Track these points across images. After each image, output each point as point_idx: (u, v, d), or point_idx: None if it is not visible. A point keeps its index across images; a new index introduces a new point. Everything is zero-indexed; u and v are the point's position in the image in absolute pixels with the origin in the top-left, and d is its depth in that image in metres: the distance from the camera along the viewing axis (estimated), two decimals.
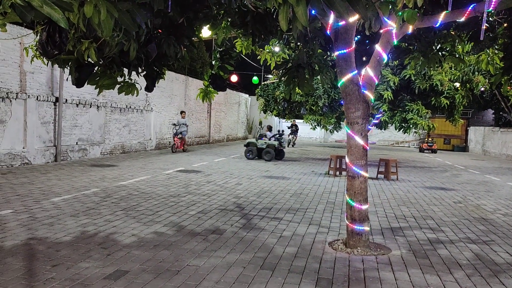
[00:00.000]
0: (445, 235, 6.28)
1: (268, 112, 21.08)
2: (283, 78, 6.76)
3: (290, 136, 27.36)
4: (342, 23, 5.09)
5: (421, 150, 29.01)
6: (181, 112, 19.56)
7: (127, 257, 4.66)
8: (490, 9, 4.52)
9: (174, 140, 18.83)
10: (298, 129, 27.96)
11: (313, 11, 3.56)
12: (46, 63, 5.32)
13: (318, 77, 6.95)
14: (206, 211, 7.13)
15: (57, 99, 13.15)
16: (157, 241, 5.32)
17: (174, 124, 18.95)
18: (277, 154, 17.34)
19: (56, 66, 11.91)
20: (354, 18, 4.91)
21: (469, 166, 18.38)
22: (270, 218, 6.85)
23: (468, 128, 31.55)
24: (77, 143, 14.22)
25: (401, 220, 7.16)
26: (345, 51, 5.21)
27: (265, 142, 17.12)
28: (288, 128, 27.92)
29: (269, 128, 18.57)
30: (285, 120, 23.97)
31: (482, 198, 9.81)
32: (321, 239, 5.75)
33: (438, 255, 5.26)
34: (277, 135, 17.83)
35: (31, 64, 10.89)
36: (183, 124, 18.87)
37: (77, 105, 14.14)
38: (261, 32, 6.40)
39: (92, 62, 4.97)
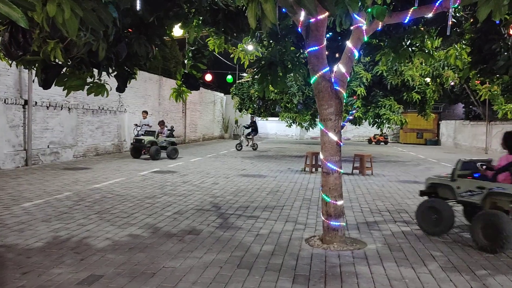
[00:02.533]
0: (418, 228, 6.39)
1: (244, 110, 21.07)
2: (256, 76, 6.75)
3: (245, 138, 22.06)
4: (312, 20, 5.11)
5: (370, 141, 31.57)
6: (143, 112, 17.85)
7: (101, 261, 4.56)
8: (455, 5, 4.62)
9: None
10: (257, 128, 22.88)
11: (283, 9, 3.56)
12: (10, 64, 5.15)
13: (292, 74, 6.98)
14: (182, 212, 7.05)
15: (26, 102, 12.77)
16: (132, 243, 5.23)
17: (136, 125, 17.19)
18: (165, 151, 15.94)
19: (23, 68, 11.59)
20: (324, 15, 4.94)
21: (442, 159, 18.82)
22: (247, 217, 6.84)
23: (439, 122, 32.33)
24: (48, 146, 13.85)
25: (376, 214, 7.26)
26: (316, 48, 5.24)
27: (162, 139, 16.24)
28: (246, 127, 22.53)
29: (162, 124, 17.33)
30: (260, 118, 23.87)
31: None
32: (297, 236, 5.77)
33: (413, 247, 5.36)
34: (169, 132, 16.78)
35: None
36: (145, 125, 17.21)
37: (47, 107, 13.77)
38: (233, 30, 6.38)
39: (60, 62, 4.84)
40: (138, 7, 4.44)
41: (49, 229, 5.80)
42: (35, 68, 5.02)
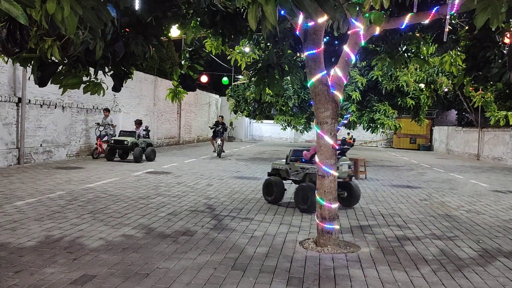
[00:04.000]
0: (411, 231, 6.44)
1: (239, 112, 21.08)
2: (253, 78, 6.76)
3: (216, 141, 18.28)
4: (311, 23, 5.14)
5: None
6: (104, 110, 15.87)
7: (94, 261, 4.54)
8: (452, 12, 4.66)
9: (97, 144, 15.33)
10: (226, 130, 19.22)
11: (282, 12, 3.57)
12: (6, 61, 5.12)
13: (288, 77, 7.00)
14: (176, 213, 7.03)
15: (19, 100, 12.69)
16: (126, 244, 5.20)
17: (98, 124, 15.60)
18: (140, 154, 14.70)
19: (18, 65, 11.51)
20: (322, 19, 4.97)
21: (434, 165, 18.94)
22: (241, 219, 6.83)
23: (432, 128, 32.54)
24: (41, 145, 13.76)
25: (369, 218, 7.29)
26: (314, 51, 5.26)
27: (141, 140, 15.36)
28: (211, 128, 18.47)
29: (139, 123, 16.16)
30: (255, 120, 23.78)
31: (446, 196, 10.12)
32: (292, 239, 5.78)
33: (405, 251, 5.38)
34: (145, 132, 15.79)
35: None
36: (108, 124, 15.67)
37: (41, 105, 13.69)
38: (230, 32, 6.39)
39: (56, 60, 4.81)
40: (137, 7, 4.43)
41: (41, 228, 5.75)
42: (31, 66, 4.99)
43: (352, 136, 27.97)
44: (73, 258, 4.59)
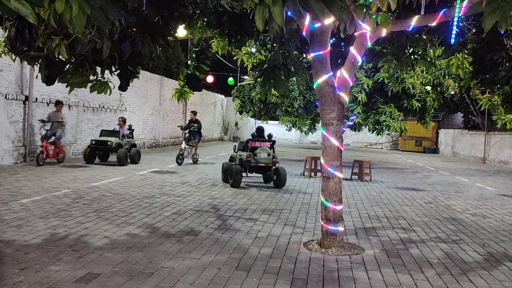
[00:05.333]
0: (416, 234, 6.41)
1: (244, 113, 21.09)
2: (259, 79, 6.76)
3: (186, 145, 14.62)
4: (317, 25, 5.13)
5: None
6: (57, 104, 12.85)
7: (99, 259, 4.56)
8: (460, 14, 4.64)
9: (42, 146, 12.23)
10: (200, 128, 15.21)
11: (289, 13, 3.57)
12: (14, 60, 5.16)
13: (294, 78, 6.99)
14: (180, 212, 7.05)
15: (26, 98, 12.76)
16: (130, 243, 5.22)
17: (43, 121, 12.38)
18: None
19: (25, 63, 11.59)
20: (329, 20, 4.96)
21: (440, 168, 18.85)
22: (245, 219, 6.84)
23: (438, 131, 32.40)
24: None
25: (374, 220, 7.27)
26: (320, 53, 5.26)
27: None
28: (182, 128, 15.50)
29: (123, 121, 14.62)
30: (260, 121, 23.73)
31: (451, 199, 10.07)
32: (296, 240, 5.77)
33: (410, 254, 5.36)
34: (129, 131, 14.27)
35: None
36: (57, 121, 12.45)
37: (47, 104, 13.76)
38: (237, 33, 6.39)
39: (63, 59, 4.85)
40: (144, 7, 4.45)
41: (47, 226, 5.78)
42: (38, 64, 5.03)
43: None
44: (78, 256, 4.61)
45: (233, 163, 10.52)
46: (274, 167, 10.42)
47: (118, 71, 5.67)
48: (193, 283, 4.03)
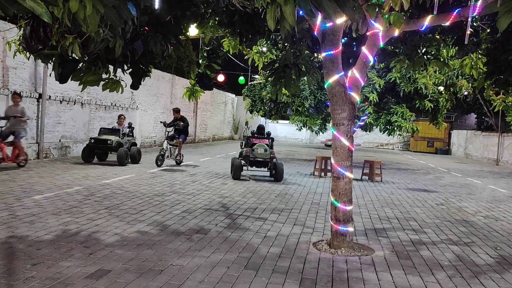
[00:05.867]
0: (427, 236, 6.35)
1: (255, 112, 21.09)
2: (270, 78, 6.76)
3: (167, 145, 13.06)
4: (329, 24, 5.11)
5: (327, 145, 31.65)
6: (14, 95, 10.85)
7: (110, 256, 4.60)
8: (474, 14, 4.58)
9: None
10: (188, 125, 14.00)
11: (300, 12, 3.56)
12: (28, 58, 5.23)
13: (305, 78, 6.97)
14: (190, 211, 7.08)
15: (40, 96, 12.94)
16: (141, 240, 5.26)
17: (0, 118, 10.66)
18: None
19: (39, 61, 11.73)
20: (341, 20, 4.94)
21: (452, 169, 18.66)
22: (255, 218, 6.84)
23: (451, 132, 32.06)
24: (60, 140, 14.00)
25: (384, 221, 7.22)
26: (332, 52, 5.24)
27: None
28: (166, 125, 13.71)
29: (123, 119, 14.10)
30: (271, 120, 23.70)
31: (463, 200, 9.96)
32: (305, 240, 5.76)
33: (421, 256, 5.32)
34: (129, 129, 13.74)
35: (14, 59, 10.71)
36: (14, 117, 10.54)
37: (60, 101, 13.92)
38: (248, 32, 6.40)
39: (76, 58, 4.90)
40: (156, 6, 4.48)
41: (58, 222, 5.86)
42: (52, 62, 5.09)
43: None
44: (89, 253, 4.66)
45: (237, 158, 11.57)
46: (272, 162, 11.32)
47: (130, 69, 5.72)
48: (202, 281, 4.05)
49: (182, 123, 13.52)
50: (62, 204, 6.93)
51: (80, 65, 5.16)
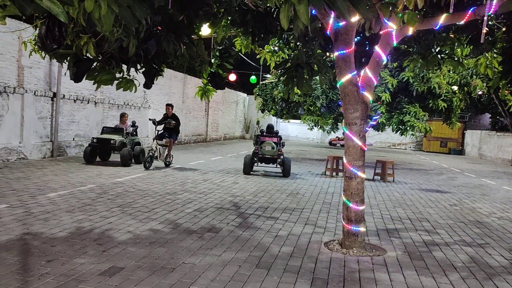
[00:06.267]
0: (440, 237, 6.29)
1: (266, 111, 21.09)
2: (282, 77, 6.75)
3: (156, 145, 12.09)
4: (342, 23, 5.09)
5: (330, 143, 32.49)
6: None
7: (123, 253, 4.65)
8: (490, 13, 4.53)
9: None
10: (179, 125, 13.00)
11: (313, 11, 3.55)
12: (43, 57, 5.30)
13: (317, 77, 6.96)
14: (202, 209, 7.11)
15: (54, 95, 13.10)
16: (153, 238, 5.30)
17: None
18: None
19: (54, 61, 11.87)
20: (355, 19, 4.91)
21: (465, 169, 18.44)
22: (266, 218, 6.85)
23: (464, 132, 31.67)
24: (74, 139, 14.16)
25: (396, 222, 7.17)
26: (344, 51, 5.21)
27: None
28: (155, 123, 12.34)
29: (125, 117, 13.23)
30: (282, 119, 23.64)
31: (477, 201, 9.84)
32: (317, 239, 5.75)
33: (433, 257, 5.27)
34: (132, 128, 13.03)
35: (29, 59, 10.86)
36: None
37: (74, 100, 14.09)
38: (261, 31, 6.40)
39: (91, 57, 4.95)
40: (170, 5, 4.50)
41: (72, 219, 5.93)
42: (67, 62, 5.15)
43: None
44: (102, 250, 4.71)
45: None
46: (280, 159, 12.02)
47: (144, 69, 5.76)
48: (214, 280, 4.06)
49: (174, 122, 12.47)
50: (75, 202, 7.02)
51: (94, 64, 5.21)
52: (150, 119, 12.82)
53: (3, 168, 10.28)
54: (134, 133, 13.02)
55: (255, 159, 12.19)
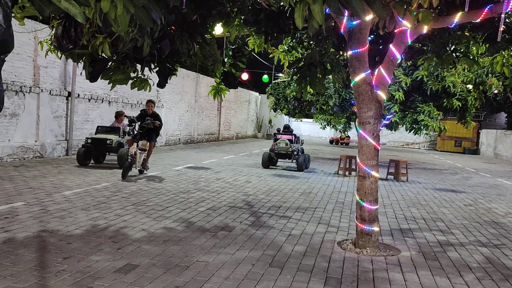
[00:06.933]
0: (455, 237, 6.23)
1: (278, 110, 21.06)
2: (295, 76, 6.74)
3: (135, 149, 9.86)
4: (356, 22, 5.06)
5: (331, 142, 32.88)
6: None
7: (137, 251, 4.70)
8: (508, 10, 4.46)
9: None
10: (160, 127, 10.49)
11: (327, 10, 3.54)
12: (59, 57, 5.38)
13: (330, 76, 6.92)
14: (215, 208, 7.15)
15: (69, 94, 13.28)
16: (167, 236, 5.35)
17: None
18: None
19: (69, 61, 12.03)
20: (369, 17, 4.88)
21: (480, 169, 18.19)
22: (279, 217, 6.85)
23: (480, 131, 31.23)
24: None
25: (410, 222, 7.12)
26: (358, 50, 5.18)
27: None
28: (134, 121, 10.63)
29: (121, 116, 12.05)
30: (294, 119, 23.58)
31: (493, 202, 9.70)
32: (330, 239, 5.74)
33: (448, 257, 5.22)
34: (129, 127, 11.46)
35: (45, 59, 11.01)
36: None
37: (89, 100, 14.25)
38: (274, 30, 6.39)
39: (106, 57, 5.01)
40: (184, 5, 4.53)
41: (88, 217, 6.01)
42: (82, 62, 5.22)
43: (347, 134, 30.45)
44: (117, 248, 4.76)
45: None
46: (294, 155, 13.29)
47: (157, 68, 5.80)
48: (228, 278, 4.09)
49: (158, 122, 10.23)
50: (91, 200, 7.11)
51: (109, 64, 5.27)
52: (127, 116, 11.04)
53: (20, 166, 10.46)
54: (131, 132, 11.23)
55: (272, 154, 13.47)
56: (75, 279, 3.82)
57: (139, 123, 10.23)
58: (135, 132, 10.32)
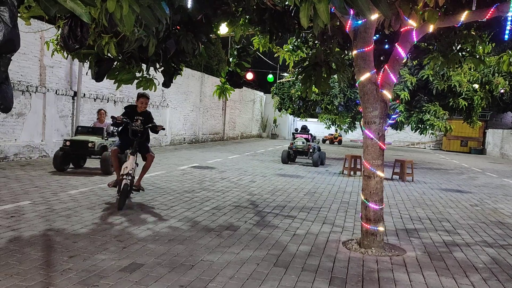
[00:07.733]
0: (461, 238, 6.20)
1: (283, 110, 21.05)
2: (299, 76, 6.74)
3: (131, 164, 6.80)
4: (361, 21, 5.05)
5: (323, 141, 32.70)
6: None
7: (142, 250, 4.71)
8: None
9: None
10: (148, 135, 7.65)
11: (332, 9, 3.54)
12: (66, 57, 5.40)
13: (335, 76, 6.91)
14: (220, 207, 7.15)
15: (75, 93, 13.34)
16: (172, 235, 5.36)
17: None
18: None
19: (75, 61, 12.09)
20: (374, 17, 4.87)
21: (487, 169, 18.08)
22: (283, 216, 6.85)
23: (486, 131, 31.05)
24: None
25: (416, 222, 7.09)
26: (363, 50, 5.17)
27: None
28: (120, 122, 7.11)
29: (102, 114, 10.89)
30: (299, 118, 23.58)
31: (499, 202, 9.65)
32: (335, 239, 5.73)
33: (454, 257, 5.20)
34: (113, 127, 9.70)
35: (51, 59, 11.09)
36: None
37: (94, 99, 14.31)
38: (278, 30, 6.40)
39: (112, 57, 5.03)
40: (189, 5, 4.54)
41: (93, 216, 6.03)
42: (88, 62, 5.25)
43: (339, 133, 31.19)
44: (122, 247, 4.78)
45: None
46: (309, 152, 15.12)
47: (162, 68, 5.82)
48: (232, 277, 4.09)
49: (162, 126, 7.78)
50: (96, 199, 7.14)
51: (115, 64, 5.29)
52: (113, 117, 7.26)
53: (26, 165, 10.52)
54: (116, 133, 9.50)
55: (290, 152, 15.24)
56: (81, 278, 3.83)
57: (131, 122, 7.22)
58: (118, 139, 7.85)
